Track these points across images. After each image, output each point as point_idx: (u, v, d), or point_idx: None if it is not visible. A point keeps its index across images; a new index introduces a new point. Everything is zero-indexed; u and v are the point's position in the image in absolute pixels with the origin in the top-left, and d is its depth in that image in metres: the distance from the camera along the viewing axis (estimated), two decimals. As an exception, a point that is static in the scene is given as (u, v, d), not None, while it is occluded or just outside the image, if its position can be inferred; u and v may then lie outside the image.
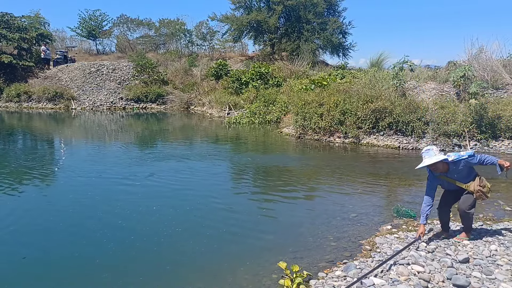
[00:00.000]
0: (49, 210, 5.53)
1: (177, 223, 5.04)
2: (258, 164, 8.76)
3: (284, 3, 22.52)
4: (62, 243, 4.40)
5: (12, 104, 21.29)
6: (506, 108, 9.94)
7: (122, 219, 5.13)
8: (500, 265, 3.58)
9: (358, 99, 11.13)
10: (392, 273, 3.45)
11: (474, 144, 9.84)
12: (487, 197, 4.06)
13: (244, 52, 27.88)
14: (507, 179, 6.52)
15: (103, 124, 16.33)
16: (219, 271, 3.76)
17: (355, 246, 4.25)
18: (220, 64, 22.04)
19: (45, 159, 9.21)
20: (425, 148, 4.18)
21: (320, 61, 23.45)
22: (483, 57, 12.96)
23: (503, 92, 11.92)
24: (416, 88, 12.63)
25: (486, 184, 4.05)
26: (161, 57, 25.72)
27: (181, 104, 21.73)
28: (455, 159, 4.02)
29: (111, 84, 22.85)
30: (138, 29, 30.78)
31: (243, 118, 15.74)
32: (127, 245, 4.36)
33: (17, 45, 22.90)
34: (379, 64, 18.18)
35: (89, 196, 6.15)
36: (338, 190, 6.66)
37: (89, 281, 3.61)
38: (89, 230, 4.76)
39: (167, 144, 11.66)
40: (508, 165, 3.92)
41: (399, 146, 10.24)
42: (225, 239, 4.51)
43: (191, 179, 7.29)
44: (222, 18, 24.80)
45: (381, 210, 5.53)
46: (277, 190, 6.55)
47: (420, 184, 6.98)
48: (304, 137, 11.72)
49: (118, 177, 7.28)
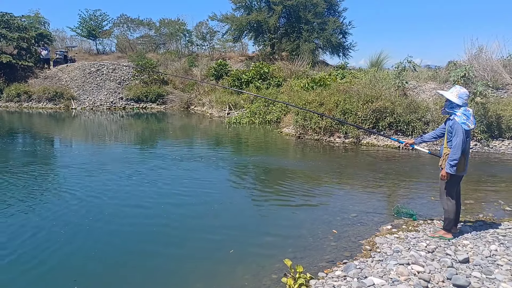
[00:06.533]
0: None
1: (176, 223, 5.04)
2: (258, 164, 8.76)
3: (284, 3, 22.51)
4: (59, 241, 4.41)
5: (12, 104, 21.29)
6: (506, 108, 9.94)
7: (119, 219, 5.13)
8: (500, 265, 3.58)
9: (358, 99, 11.13)
10: (392, 273, 3.45)
11: (474, 144, 9.84)
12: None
13: (244, 52, 27.87)
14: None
15: (103, 124, 16.33)
16: (219, 271, 3.76)
17: (355, 246, 4.24)
18: (220, 64, 22.04)
19: (45, 159, 9.21)
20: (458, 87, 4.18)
21: (320, 61, 23.44)
22: (483, 57, 12.97)
23: (503, 92, 11.92)
24: (417, 88, 12.64)
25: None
26: (161, 57, 25.72)
27: (181, 104, 21.73)
28: (450, 111, 4.13)
29: (111, 84, 22.85)
30: (138, 29, 30.84)
31: (243, 118, 15.74)
32: (126, 245, 4.37)
33: (17, 44, 22.90)
34: (379, 64, 18.16)
35: (89, 195, 6.14)
36: (338, 190, 6.66)
37: (88, 281, 3.61)
38: (89, 230, 4.75)
39: (167, 144, 11.65)
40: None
41: (399, 146, 10.23)
42: (224, 239, 4.51)
43: (191, 179, 7.29)
44: (222, 18, 24.81)
45: (381, 210, 5.53)
46: (277, 190, 6.55)
47: (420, 184, 6.99)
48: (304, 137, 11.72)
49: (116, 178, 7.27)
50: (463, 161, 4.07)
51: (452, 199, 4.20)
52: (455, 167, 4.00)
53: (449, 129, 4.11)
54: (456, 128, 3.98)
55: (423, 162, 8.87)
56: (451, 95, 4.08)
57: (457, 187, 4.28)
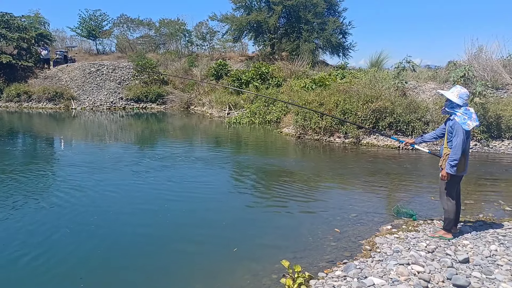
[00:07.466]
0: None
1: (176, 223, 5.05)
2: (258, 164, 8.76)
3: (284, 3, 22.50)
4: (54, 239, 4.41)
5: (12, 104, 21.29)
6: (506, 108, 9.94)
7: (120, 219, 5.14)
8: (500, 265, 3.58)
9: (358, 99, 11.13)
10: (392, 273, 3.45)
11: (474, 144, 9.84)
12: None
13: (244, 52, 27.86)
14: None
15: (103, 124, 16.33)
16: (219, 271, 3.76)
17: (355, 246, 4.24)
18: (220, 64, 22.04)
19: (45, 159, 9.21)
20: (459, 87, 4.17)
21: (320, 61, 23.43)
22: (483, 57, 12.97)
23: (503, 92, 11.92)
24: (416, 88, 12.64)
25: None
26: (161, 57, 25.72)
27: (181, 104, 21.73)
28: (450, 111, 4.12)
29: (111, 84, 22.85)
30: (138, 29, 30.83)
31: (243, 118, 15.74)
32: (126, 245, 4.37)
33: (17, 45, 22.90)
34: (379, 64, 18.16)
35: (88, 195, 6.15)
36: (338, 190, 6.66)
37: (93, 279, 3.61)
38: (89, 229, 4.75)
39: (167, 144, 11.65)
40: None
41: (399, 146, 10.23)
42: (224, 239, 4.51)
43: (191, 179, 7.29)
44: (222, 18, 24.80)
45: (381, 210, 5.53)
46: (277, 190, 6.55)
47: (420, 184, 6.99)
48: (304, 137, 11.72)
49: (119, 178, 7.28)
50: (463, 161, 4.07)
51: (452, 199, 4.20)
52: (455, 167, 4.01)
53: (449, 129, 4.11)
54: (456, 128, 3.99)
55: (423, 162, 8.87)
56: (452, 95, 4.08)
57: (457, 187, 4.28)
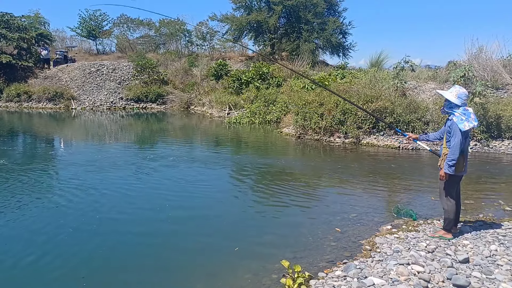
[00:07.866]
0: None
1: (176, 223, 5.04)
2: (258, 164, 8.76)
3: (284, 3, 22.50)
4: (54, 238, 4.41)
5: (12, 104, 21.30)
6: (506, 108, 9.94)
7: (120, 219, 5.14)
8: (500, 265, 3.58)
9: (358, 99, 11.13)
10: (392, 273, 3.45)
11: (474, 144, 9.85)
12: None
13: (244, 52, 27.86)
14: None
15: (103, 124, 16.33)
16: (219, 271, 3.76)
17: (355, 246, 4.24)
18: (220, 64, 22.05)
19: (45, 159, 9.21)
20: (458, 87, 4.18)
21: (320, 61, 23.44)
22: (483, 57, 12.97)
23: (503, 92, 11.92)
24: (416, 88, 12.64)
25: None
26: (161, 57, 25.72)
27: (181, 104, 21.74)
28: (449, 111, 4.12)
29: (111, 84, 22.86)
30: (138, 29, 30.83)
31: (243, 118, 15.74)
32: (126, 245, 4.37)
33: (17, 45, 22.91)
34: (379, 64, 18.16)
35: (90, 194, 6.14)
36: (338, 190, 6.66)
37: (95, 278, 3.61)
38: (91, 229, 4.75)
39: (167, 144, 11.65)
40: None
41: (399, 146, 10.24)
42: (225, 239, 4.51)
43: (191, 179, 7.29)
44: (222, 18, 24.82)
45: (381, 210, 5.53)
46: (277, 190, 6.54)
47: (420, 184, 6.99)
48: (304, 137, 11.72)
49: (120, 178, 7.28)
50: (462, 161, 4.07)
51: (451, 199, 4.21)
52: (453, 167, 4.01)
53: (447, 130, 4.12)
54: (454, 128, 4.00)
55: (423, 162, 8.87)
56: (450, 95, 4.09)
57: (456, 187, 4.28)
